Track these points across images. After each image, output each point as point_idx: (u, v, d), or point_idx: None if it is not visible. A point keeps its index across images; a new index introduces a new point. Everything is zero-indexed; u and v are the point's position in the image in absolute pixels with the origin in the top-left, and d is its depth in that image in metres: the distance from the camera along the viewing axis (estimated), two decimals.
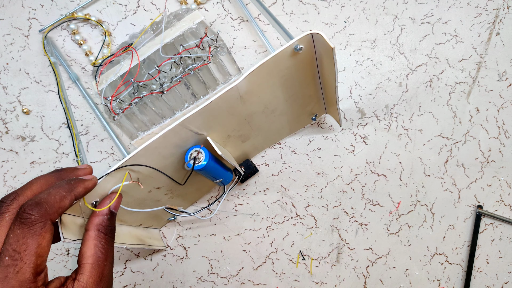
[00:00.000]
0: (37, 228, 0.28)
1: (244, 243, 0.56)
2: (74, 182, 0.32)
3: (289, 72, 0.43)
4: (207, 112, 0.39)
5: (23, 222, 0.28)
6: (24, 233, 0.28)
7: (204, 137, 0.43)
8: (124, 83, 0.51)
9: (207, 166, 0.42)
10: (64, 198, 0.31)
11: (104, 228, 0.35)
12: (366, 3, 0.58)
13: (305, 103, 0.51)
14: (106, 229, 0.35)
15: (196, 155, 0.42)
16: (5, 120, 0.57)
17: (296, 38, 0.38)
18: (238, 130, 0.47)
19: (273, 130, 0.53)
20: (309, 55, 0.42)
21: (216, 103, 0.39)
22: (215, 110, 0.40)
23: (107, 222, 0.35)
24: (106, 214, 0.36)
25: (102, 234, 0.35)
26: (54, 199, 0.30)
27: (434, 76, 0.57)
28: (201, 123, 0.40)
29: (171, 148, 0.40)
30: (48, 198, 0.30)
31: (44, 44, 0.57)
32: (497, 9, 0.58)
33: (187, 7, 0.57)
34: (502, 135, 0.57)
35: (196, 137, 0.42)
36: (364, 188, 0.57)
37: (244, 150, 0.54)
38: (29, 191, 0.31)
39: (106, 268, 0.33)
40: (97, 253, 0.33)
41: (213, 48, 0.51)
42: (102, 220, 0.35)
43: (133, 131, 0.53)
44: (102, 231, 0.35)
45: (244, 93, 0.41)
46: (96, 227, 0.35)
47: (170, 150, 0.40)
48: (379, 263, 0.56)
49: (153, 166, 0.40)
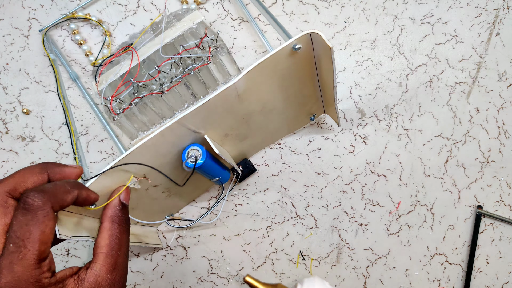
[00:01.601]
0: (39, 215, 0.29)
1: (244, 243, 0.56)
2: (81, 185, 0.33)
3: (288, 72, 0.43)
4: (204, 110, 0.39)
5: (26, 208, 0.28)
6: (27, 220, 0.28)
7: (201, 135, 0.43)
8: (124, 83, 0.51)
9: (204, 165, 0.42)
10: (68, 192, 0.31)
11: (117, 218, 0.36)
12: (366, 3, 0.58)
13: (303, 103, 0.51)
14: (120, 220, 0.36)
15: (194, 154, 0.42)
16: (5, 120, 0.57)
17: (294, 38, 0.38)
18: (236, 129, 0.47)
19: (271, 129, 0.53)
20: (308, 55, 0.41)
21: (214, 102, 0.39)
22: (212, 108, 0.40)
23: (119, 212, 0.36)
24: (118, 205, 0.37)
25: (116, 225, 0.35)
26: (59, 190, 0.30)
27: (434, 76, 0.57)
28: (198, 121, 0.40)
29: (168, 146, 0.40)
30: (53, 188, 0.30)
31: (44, 42, 0.57)
32: (497, 9, 0.58)
33: (187, 7, 0.57)
34: (502, 135, 0.57)
35: (194, 135, 0.42)
36: (364, 188, 0.57)
37: (242, 149, 0.54)
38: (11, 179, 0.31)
39: (120, 257, 0.34)
40: (111, 243, 0.34)
41: (213, 48, 0.51)
42: (115, 211, 0.36)
43: (133, 131, 0.53)
44: (116, 222, 0.36)
45: (242, 92, 0.41)
46: (109, 218, 0.36)
47: (167, 148, 0.40)
48: (379, 263, 0.56)
49: (150, 165, 0.40)
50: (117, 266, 0.33)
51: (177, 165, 0.44)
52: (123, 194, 0.38)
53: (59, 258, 0.57)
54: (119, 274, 0.34)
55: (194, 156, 0.42)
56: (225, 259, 0.56)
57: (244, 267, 0.56)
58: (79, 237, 0.36)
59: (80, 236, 0.36)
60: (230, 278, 0.56)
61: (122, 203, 0.37)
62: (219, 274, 0.56)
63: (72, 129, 0.56)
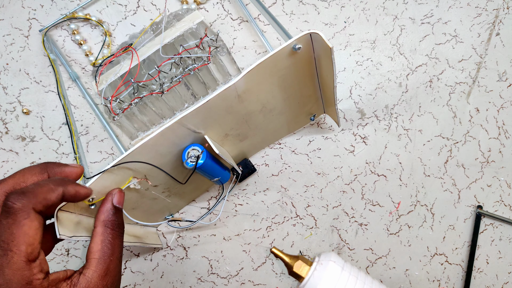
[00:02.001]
0: (20, 217, 0.28)
1: (244, 243, 0.56)
2: (67, 181, 0.32)
3: (288, 72, 0.43)
4: (204, 110, 0.39)
5: (7, 211, 0.28)
6: (9, 224, 0.28)
7: (201, 135, 0.43)
8: (124, 83, 0.51)
9: (205, 165, 0.42)
10: (51, 190, 0.30)
11: (110, 223, 0.35)
12: (366, 4, 0.58)
13: (303, 103, 0.51)
14: (112, 224, 0.35)
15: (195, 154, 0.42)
16: (5, 120, 0.57)
17: (294, 38, 0.38)
18: (236, 129, 0.47)
19: (271, 129, 0.53)
20: (308, 55, 0.42)
21: (214, 102, 0.39)
22: (213, 108, 0.40)
23: (112, 217, 0.36)
24: (110, 209, 0.36)
25: (108, 230, 0.35)
26: (41, 190, 0.30)
27: (434, 77, 0.57)
28: (198, 121, 0.40)
29: (168, 146, 0.40)
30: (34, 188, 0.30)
31: (44, 42, 0.57)
32: (497, 9, 0.58)
33: (187, 7, 0.57)
34: (502, 136, 0.57)
35: (194, 135, 0.42)
36: (364, 188, 0.57)
37: (242, 150, 0.54)
38: (10, 180, 0.31)
39: (112, 263, 0.34)
40: (103, 248, 0.34)
41: (213, 48, 0.51)
42: (107, 215, 0.36)
43: (133, 131, 0.53)
44: (108, 226, 0.35)
45: (242, 92, 0.41)
46: (102, 223, 0.35)
47: (167, 148, 0.40)
48: (379, 263, 0.56)
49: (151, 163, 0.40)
50: (109, 271, 0.33)
51: (176, 165, 0.44)
52: (117, 198, 0.37)
53: (59, 258, 0.57)
54: (111, 280, 0.34)
55: (194, 156, 0.42)
56: (225, 259, 0.56)
57: (244, 267, 0.56)
58: (79, 237, 0.35)
59: (80, 236, 0.36)
60: (230, 278, 0.56)
61: (115, 206, 0.37)
62: (219, 274, 0.56)
63: (72, 128, 0.56)
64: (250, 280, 0.56)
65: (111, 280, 0.33)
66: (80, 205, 0.37)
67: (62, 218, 0.34)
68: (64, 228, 0.34)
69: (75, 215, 0.37)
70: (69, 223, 0.35)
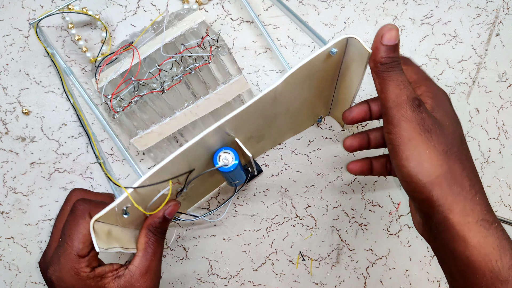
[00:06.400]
0: (79, 218, 0.35)
1: (244, 244, 0.56)
2: None
3: (317, 75, 0.43)
4: (245, 113, 0.39)
5: (72, 211, 0.36)
6: (70, 221, 0.35)
7: (232, 138, 0.42)
8: (124, 81, 0.51)
9: (236, 168, 0.42)
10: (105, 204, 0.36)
11: (154, 228, 0.40)
12: (366, 4, 0.58)
13: (315, 105, 0.52)
14: (155, 230, 0.40)
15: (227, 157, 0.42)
16: (5, 120, 0.57)
17: (333, 42, 0.38)
18: (259, 131, 0.47)
19: (282, 131, 0.53)
20: (338, 58, 0.42)
21: (255, 105, 0.39)
22: (251, 111, 0.40)
23: (157, 224, 0.40)
24: (159, 217, 0.40)
25: (151, 234, 0.40)
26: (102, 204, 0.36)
27: (434, 77, 0.57)
28: (234, 125, 0.40)
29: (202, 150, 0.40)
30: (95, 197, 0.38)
31: (37, 33, 0.55)
32: (497, 9, 0.58)
33: (189, 6, 0.57)
34: (502, 136, 0.57)
35: (224, 138, 0.41)
36: (364, 188, 0.57)
37: (253, 151, 0.53)
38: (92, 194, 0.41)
39: (153, 262, 0.39)
40: (146, 249, 0.39)
41: (214, 48, 0.52)
42: (154, 222, 0.40)
43: (133, 130, 0.53)
44: (151, 231, 0.40)
45: (279, 94, 0.41)
46: (147, 226, 0.40)
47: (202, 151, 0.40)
48: (379, 263, 0.56)
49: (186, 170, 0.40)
50: (149, 270, 0.38)
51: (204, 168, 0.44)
52: (170, 209, 0.40)
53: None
54: (151, 277, 0.38)
55: (226, 159, 0.42)
56: (225, 259, 0.56)
57: (244, 268, 0.56)
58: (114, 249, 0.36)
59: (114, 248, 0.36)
60: (230, 278, 0.56)
61: (164, 216, 0.40)
62: (219, 274, 0.56)
63: (89, 131, 0.55)
64: (250, 281, 0.56)
65: (151, 277, 0.38)
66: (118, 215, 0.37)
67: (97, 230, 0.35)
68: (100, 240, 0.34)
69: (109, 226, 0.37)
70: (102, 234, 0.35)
